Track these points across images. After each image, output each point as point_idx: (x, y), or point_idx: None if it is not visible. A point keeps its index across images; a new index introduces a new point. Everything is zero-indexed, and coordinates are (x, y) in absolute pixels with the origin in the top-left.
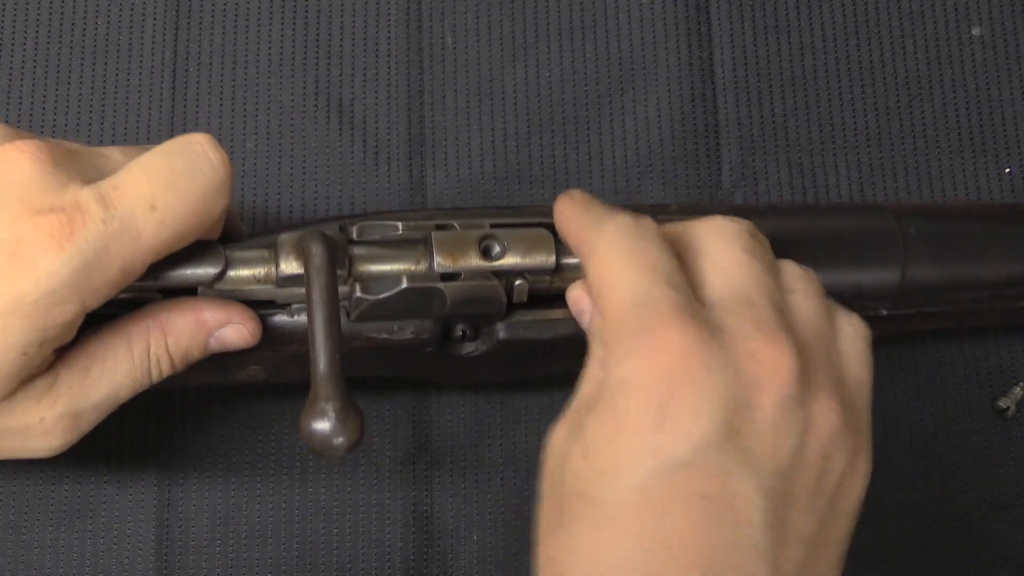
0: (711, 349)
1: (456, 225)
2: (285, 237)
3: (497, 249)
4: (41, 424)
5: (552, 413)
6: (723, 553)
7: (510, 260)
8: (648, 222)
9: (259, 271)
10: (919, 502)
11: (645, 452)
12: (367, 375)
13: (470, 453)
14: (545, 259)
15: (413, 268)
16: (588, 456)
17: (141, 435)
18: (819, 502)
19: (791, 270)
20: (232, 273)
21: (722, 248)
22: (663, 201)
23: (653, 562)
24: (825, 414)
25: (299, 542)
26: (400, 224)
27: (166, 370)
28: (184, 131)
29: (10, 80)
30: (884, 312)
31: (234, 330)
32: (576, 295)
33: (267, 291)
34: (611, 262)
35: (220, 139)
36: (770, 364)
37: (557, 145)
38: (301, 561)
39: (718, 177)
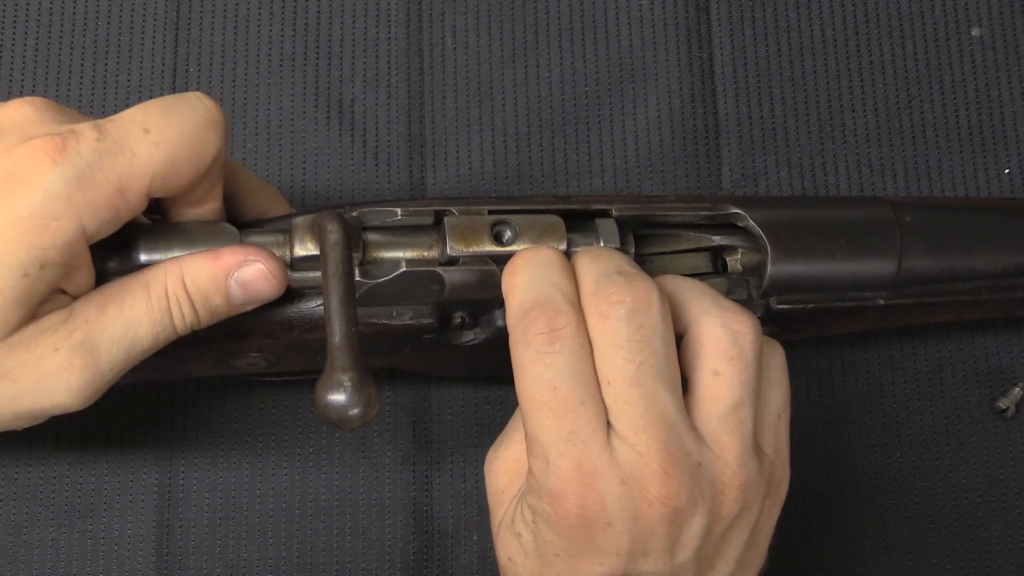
0: (614, 502)
1: (455, 211)
2: (300, 220)
3: (509, 234)
4: (56, 356)
5: None
6: None
7: (522, 246)
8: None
9: (276, 249)
10: (919, 502)
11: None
12: (367, 364)
13: (470, 453)
14: (557, 245)
15: (426, 254)
16: (522, 548)
17: (141, 436)
18: (732, 553)
19: (718, 343)
20: None
21: (610, 354)
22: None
23: None
24: (727, 504)
25: (299, 542)
26: (399, 210)
27: (188, 315)
28: None
29: (10, 80)
30: (881, 302)
31: (254, 270)
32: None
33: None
34: (523, 366)
35: None
36: (667, 502)
37: (557, 145)
38: (301, 561)
39: (718, 177)
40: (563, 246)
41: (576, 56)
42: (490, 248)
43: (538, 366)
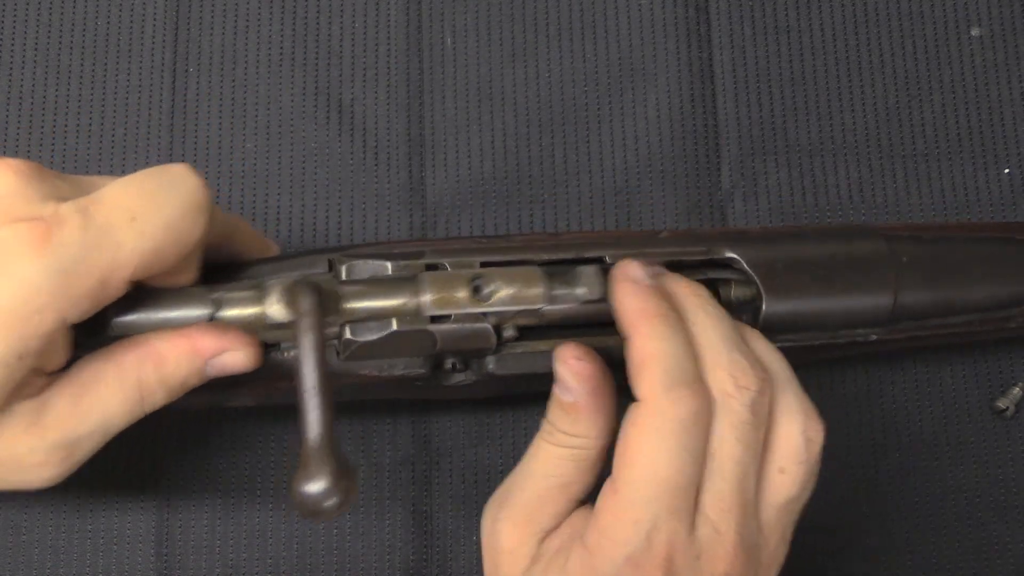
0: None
1: (447, 264)
2: (274, 283)
3: (487, 289)
4: (32, 455)
5: None
6: None
7: (500, 298)
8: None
9: (248, 312)
10: (919, 502)
11: None
12: (355, 400)
13: (470, 454)
14: (535, 298)
15: (404, 303)
16: None
17: (141, 436)
18: None
19: (794, 448)
20: (222, 314)
21: (724, 433)
22: (662, 199)
23: None
24: None
25: (298, 542)
26: (390, 265)
27: (160, 400)
28: (184, 131)
29: (10, 80)
30: (874, 337)
31: (232, 356)
32: (577, 366)
33: (261, 335)
34: (653, 442)
35: (220, 139)
36: None
37: (557, 145)
38: (301, 561)
39: (717, 177)
40: (540, 297)
41: (576, 56)
42: (467, 304)
43: (675, 446)
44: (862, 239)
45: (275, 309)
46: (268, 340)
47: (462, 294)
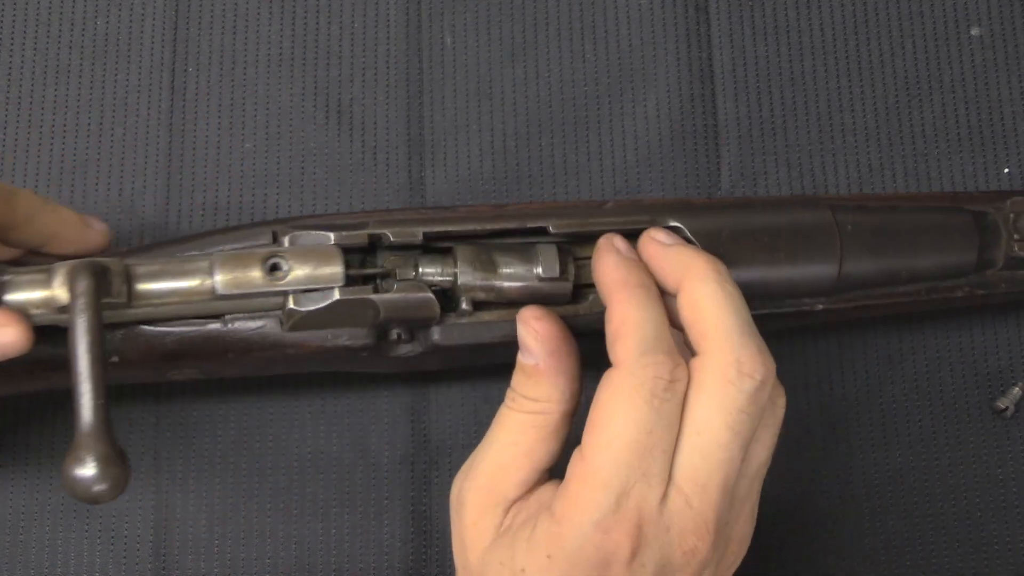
0: (655, 546)
1: (390, 235)
2: (60, 265)
3: (284, 268)
4: None
5: None
6: None
7: (296, 277)
8: (680, 380)
9: (36, 296)
10: (918, 502)
11: None
12: (302, 372)
13: (468, 453)
14: (332, 277)
15: (199, 284)
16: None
17: (139, 436)
18: None
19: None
20: (8, 297)
21: (713, 416)
22: (660, 198)
23: None
24: (729, 557)
25: (297, 542)
26: (332, 235)
27: None
28: (183, 131)
29: (9, 80)
30: (820, 307)
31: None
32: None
33: (52, 318)
34: (623, 404)
35: (219, 139)
36: (696, 555)
37: (556, 145)
38: (299, 561)
39: (717, 177)
40: (339, 273)
41: (576, 56)
42: (260, 283)
43: (645, 407)
44: (808, 209)
45: (60, 292)
46: (62, 324)
47: (255, 273)
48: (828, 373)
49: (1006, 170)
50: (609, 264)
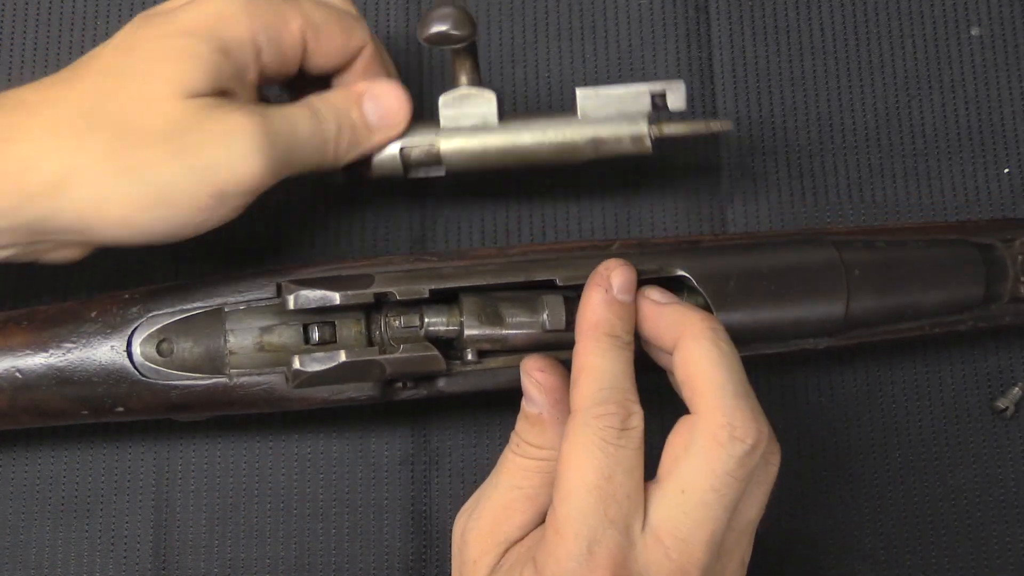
0: None
1: (396, 293)
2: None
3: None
4: (231, 118)
5: None
6: None
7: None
8: (635, 429)
9: None
10: (919, 502)
11: None
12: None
13: (469, 453)
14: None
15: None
16: None
17: (139, 436)
18: None
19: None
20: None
21: (699, 478)
22: (661, 200)
23: None
24: None
25: (297, 542)
26: (338, 296)
27: (344, 143)
28: None
29: (9, 80)
30: (823, 346)
31: (382, 87)
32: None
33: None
34: (580, 451)
35: None
36: None
37: None
38: (299, 561)
39: (717, 177)
40: None
41: (576, 56)
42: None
43: (600, 454)
44: (814, 249)
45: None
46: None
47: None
48: (828, 373)
49: (1006, 170)
50: (590, 304)
